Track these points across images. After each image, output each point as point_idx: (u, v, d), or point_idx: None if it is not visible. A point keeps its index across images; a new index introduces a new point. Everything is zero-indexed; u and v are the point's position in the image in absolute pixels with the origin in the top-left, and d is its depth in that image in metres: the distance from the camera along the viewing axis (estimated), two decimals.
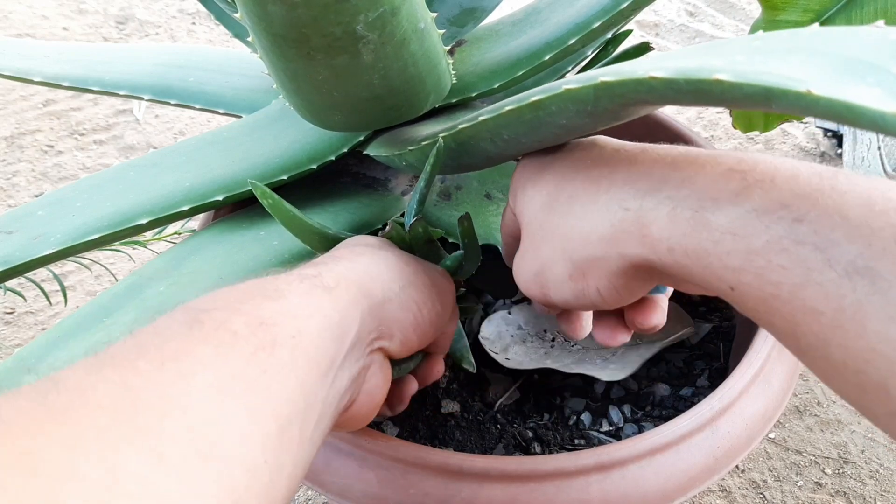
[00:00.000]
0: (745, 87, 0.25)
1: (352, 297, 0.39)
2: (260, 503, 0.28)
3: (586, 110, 0.33)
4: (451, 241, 0.56)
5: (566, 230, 0.39)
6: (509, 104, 0.37)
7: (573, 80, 0.32)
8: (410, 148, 0.49)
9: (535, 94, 0.35)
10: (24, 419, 0.25)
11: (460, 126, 0.42)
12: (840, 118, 0.23)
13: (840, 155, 1.28)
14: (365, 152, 0.56)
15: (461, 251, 0.51)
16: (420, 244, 0.50)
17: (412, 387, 0.48)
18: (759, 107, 0.26)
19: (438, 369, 0.50)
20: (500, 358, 0.60)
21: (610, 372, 0.59)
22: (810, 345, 0.30)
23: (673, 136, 0.73)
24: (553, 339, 0.62)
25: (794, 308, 0.30)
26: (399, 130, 0.57)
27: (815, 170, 0.31)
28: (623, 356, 0.61)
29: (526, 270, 0.43)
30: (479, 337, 0.61)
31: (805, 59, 0.26)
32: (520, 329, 0.63)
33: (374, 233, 0.53)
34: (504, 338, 0.62)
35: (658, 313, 0.43)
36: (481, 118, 0.39)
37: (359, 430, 0.46)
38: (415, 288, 0.44)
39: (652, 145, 0.38)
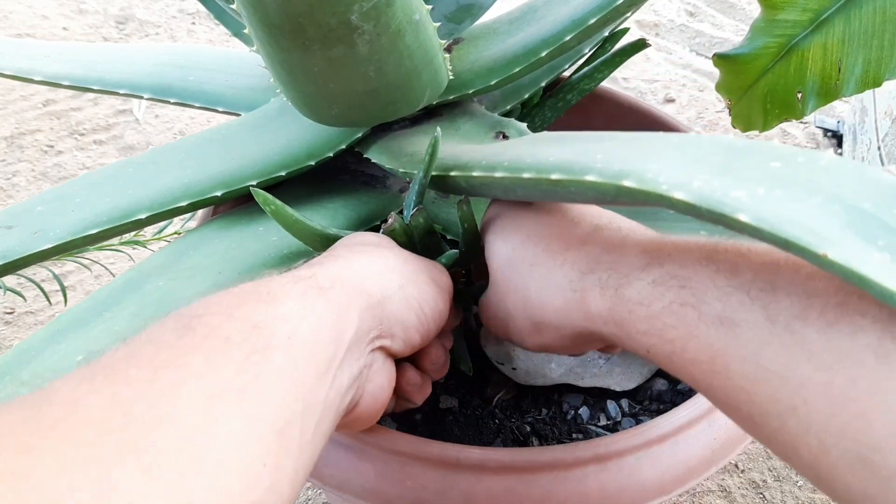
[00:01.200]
0: (765, 233, 0.28)
1: (348, 296, 0.39)
2: None
3: (602, 199, 0.37)
4: (449, 237, 0.56)
5: (526, 293, 0.45)
6: (529, 171, 0.39)
7: (598, 168, 0.35)
8: (411, 167, 0.50)
9: (558, 171, 0.37)
10: (17, 434, 0.25)
11: (475, 174, 0.45)
12: (853, 283, 0.26)
13: (840, 155, 1.28)
14: (365, 156, 0.57)
15: (457, 251, 0.51)
16: (421, 235, 0.50)
17: (429, 388, 0.49)
18: (777, 246, 0.29)
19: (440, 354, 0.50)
20: (506, 369, 0.60)
21: (618, 378, 0.59)
22: (705, 391, 0.36)
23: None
24: None
25: (685, 360, 0.36)
26: (399, 135, 0.57)
27: (703, 246, 0.37)
28: (623, 354, 0.60)
29: (492, 316, 0.49)
30: (483, 348, 0.61)
31: (823, 205, 0.28)
32: None
33: (374, 229, 0.53)
34: (505, 344, 0.61)
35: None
36: (498, 174, 0.42)
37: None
38: (415, 286, 0.44)
39: (599, 222, 0.44)
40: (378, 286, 0.42)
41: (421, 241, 0.51)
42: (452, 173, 0.47)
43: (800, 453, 0.32)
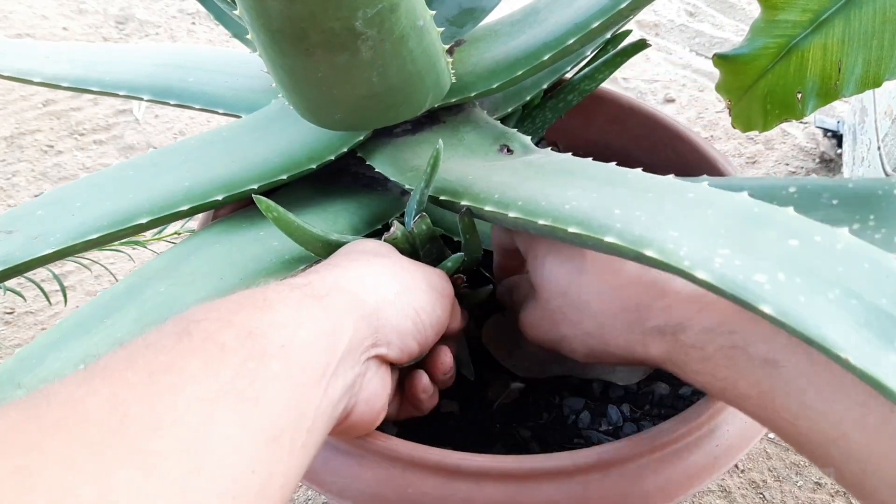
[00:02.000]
0: (788, 327, 0.30)
1: (343, 305, 0.39)
2: None
3: (622, 257, 0.38)
4: (456, 239, 0.56)
5: (587, 327, 0.48)
6: (545, 218, 0.41)
7: (618, 229, 0.37)
8: (415, 181, 0.50)
9: (575, 224, 0.39)
10: (17, 434, 0.25)
11: (486, 208, 0.46)
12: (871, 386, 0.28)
13: (840, 155, 1.28)
14: (368, 163, 0.57)
15: (461, 253, 0.51)
16: (424, 242, 0.50)
17: (437, 396, 0.49)
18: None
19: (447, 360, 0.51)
20: (508, 364, 0.60)
21: (621, 374, 0.59)
22: (755, 419, 0.41)
23: (672, 135, 0.73)
24: None
25: (737, 395, 0.41)
26: (402, 142, 0.57)
27: None
28: None
29: (542, 336, 0.52)
30: (484, 342, 0.61)
31: (842, 300, 0.30)
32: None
33: (376, 233, 0.53)
34: (505, 341, 0.61)
35: None
36: (512, 215, 0.43)
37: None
38: (412, 293, 0.44)
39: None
40: (374, 295, 0.42)
41: (423, 248, 0.51)
42: (463, 202, 0.48)
43: (844, 476, 0.36)
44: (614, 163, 0.47)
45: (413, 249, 0.51)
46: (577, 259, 0.48)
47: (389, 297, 0.43)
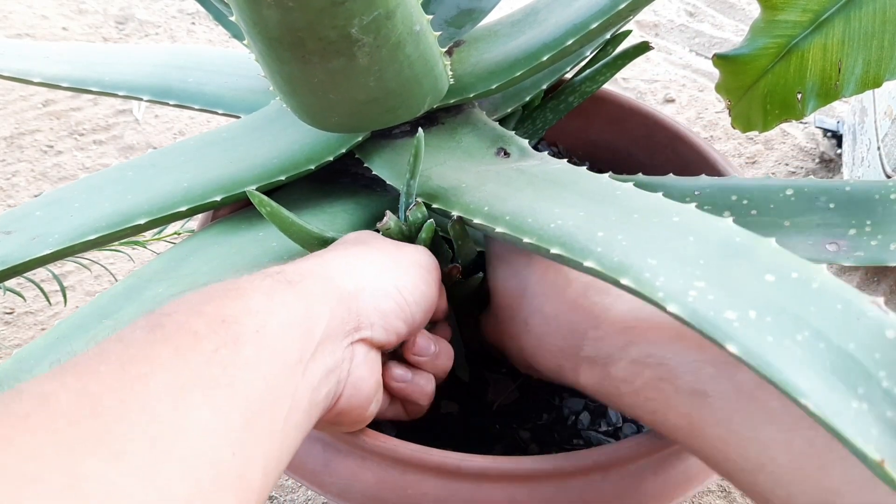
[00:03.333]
0: (752, 367, 0.30)
1: (318, 289, 0.39)
2: (232, 494, 0.28)
3: (602, 279, 0.38)
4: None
5: (522, 343, 0.50)
6: (530, 237, 0.42)
7: (598, 253, 0.38)
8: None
9: (558, 246, 0.40)
10: None
11: (476, 220, 0.47)
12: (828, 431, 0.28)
13: (839, 155, 1.28)
14: (366, 165, 0.56)
15: (431, 220, 0.51)
16: (419, 231, 0.50)
17: (429, 385, 0.49)
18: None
19: (447, 332, 0.52)
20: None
21: None
22: (689, 450, 0.41)
23: (672, 136, 0.73)
24: None
25: (668, 428, 0.42)
26: (400, 144, 0.57)
27: (672, 323, 0.39)
28: None
29: (491, 341, 0.55)
30: (483, 334, 0.61)
31: (810, 343, 0.30)
32: None
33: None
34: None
35: None
36: (499, 230, 0.44)
37: (357, 430, 0.46)
38: (392, 272, 0.44)
39: (588, 281, 0.47)
40: (351, 278, 0.42)
41: (419, 238, 0.51)
42: (454, 212, 0.48)
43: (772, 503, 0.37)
44: (608, 174, 0.47)
45: (408, 240, 0.51)
46: (525, 273, 0.50)
47: (368, 279, 0.42)
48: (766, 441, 0.36)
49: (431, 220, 0.50)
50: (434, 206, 0.50)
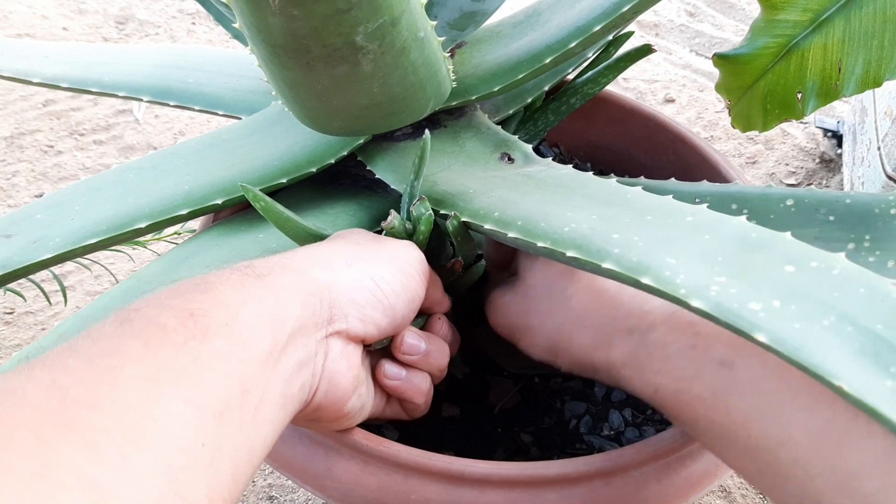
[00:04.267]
0: (782, 355, 0.30)
1: (288, 282, 0.39)
2: (203, 484, 0.28)
3: (620, 281, 0.38)
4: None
5: (558, 321, 0.49)
6: (544, 241, 0.42)
7: (615, 254, 0.37)
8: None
9: (574, 249, 0.40)
10: None
11: (486, 226, 0.46)
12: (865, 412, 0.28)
13: (840, 155, 1.27)
14: (369, 168, 0.56)
15: (430, 213, 0.50)
16: (423, 227, 0.50)
17: (424, 383, 0.48)
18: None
19: (443, 328, 0.51)
20: (502, 361, 0.60)
21: None
22: (706, 426, 0.41)
23: (673, 137, 0.73)
24: None
25: (692, 397, 0.41)
26: (402, 147, 0.57)
27: None
28: None
29: (508, 322, 0.53)
30: (481, 341, 0.61)
31: (837, 327, 0.30)
32: None
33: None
34: (500, 342, 0.61)
35: None
36: (511, 235, 0.44)
37: (360, 434, 0.46)
38: (368, 263, 0.44)
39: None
40: (322, 270, 0.41)
41: (423, 236, 0.51)
42: (463, 218, 0.48)
43: (789, 483, 0.36)
44: (614, 178, 0.47)
45: (412, 238, 0.51)
46: (570, 271, 0.49)
47: (340, 270, 0.42)
48: (787, 418, 0.36)
49: (430, 212, 0.49)
50: (442, 211, 0.50)
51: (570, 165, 0.51)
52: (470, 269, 0.54)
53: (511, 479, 0.45)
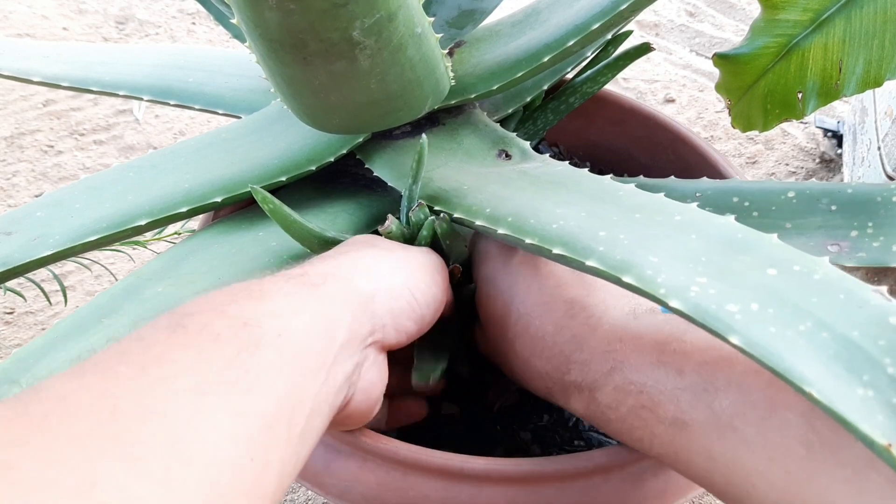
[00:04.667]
0: (755, 358, 0.30)
1: (339, 293, 0.39)
2: (247, 501, 0.28)
3: (604, 279, 0.38)
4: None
5: (514, 357, 0.49)
6: (532, 237, 0.42)
7: (600, 252, 0.38)
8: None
9: (561, 246, 0.40)
10: (4, 429, 0.25)
11: (477, 222, 0.46)
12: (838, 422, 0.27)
13: (840, 155, 1.27)
14: (367, 166, 0.56)
15: (432, 218, 0.51)
16: (421, 231, 0.50)
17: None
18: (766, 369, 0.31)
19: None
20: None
21: None
22: (683, 475, 0.41)
23: (673, 136, 0.73)
24: None
25: (656, 454, 0.41)
26: (401, 145, 0.57)
27: (655, 344, 0.42)
28: None
29: (486, 351, 0.54)
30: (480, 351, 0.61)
31: (813, 332, 0.30)
32: None
33: (374, 234, 0.53)
34: None
35: None
36: (501, 231, 0.44)
37: (359, 431, 0.46)
38: (403, 273, 0.44)
39: (576, 299, 0.47)
40: (367, 281, 0.42)
41: (422, 240, 0.51)
42: (457, 214, 0.48)
43: None
44: (610, 175, 0.47)
45: (409, 242, 0.51)
46: (509, 293, 0.49)
47: (383, 281, 0.42)
48: (747, 471, 0.36)
49: (432, 217, 0.50)
50: (436, 207, 0.50)
51: (567, 162, 0.51)
52: (470, 285, 0.54)
53: (510, 475, 0.45)
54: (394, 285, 0.43)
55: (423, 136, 0.48)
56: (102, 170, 0.66)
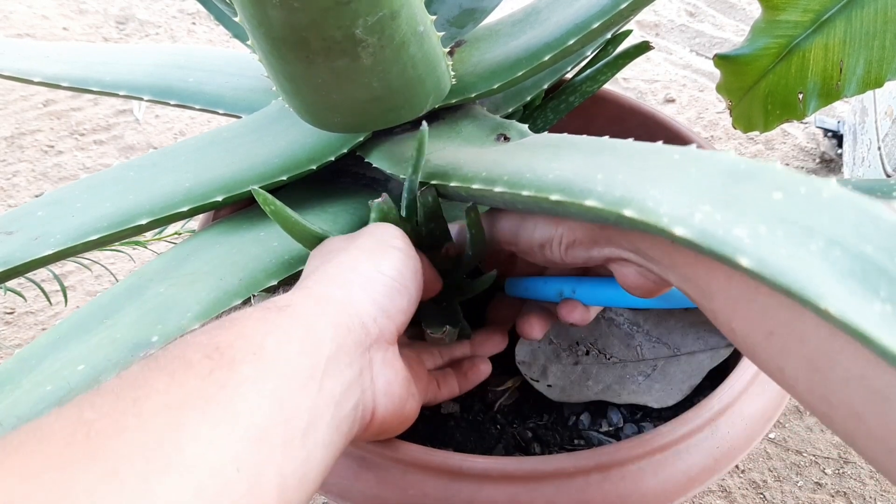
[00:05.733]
0: (766, 279, 0.28)
1: (312, 309, 0.39)
2: None
3: (604, 222, 0.38)
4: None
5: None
6: (529, 189, 0.40)
7: (599, 192, 0.36)
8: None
9: (558, 192, 0.38)
10: None
11: (474, 186, 0.45)
12: (853, 337, 0.26)
13: (840, 155, 1.28)
14: (366, 160, 0.56)
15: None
16: (429, 215, 0.50)
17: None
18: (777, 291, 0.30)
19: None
20: (541, 386, 0.59)
21: (656, 395, 0.59)
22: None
23: (673, 136, 0.73)
24: (587, 352, 0.62)
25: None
26: (400, 139, 0.57)
27: None
28: (664, 370, 0.60)
29: (506, 228, 0.50)
30: (517, 362, 0.60)
31: (825, 250, 0.29)
32: (551, 343, 0.62)
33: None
34: (539, 357, 0.61)
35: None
36: (497, 189, 0.43)
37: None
38: (365, 261, 0.44)
39: None
40: (336, 287, 0.41)
41: (427, 227, 0.51)
42: (452, 183, 0.47)
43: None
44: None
45: (416, 231, 0.51)
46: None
47: (351, 278, 0.42)
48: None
49: (417, 191, 0.50)
50: (432, 182, 0.49)
51: (565, 133, 0.50)
52: (481, 277, 0.54)
53: (509, 473, 0.45)
54: (363, 276, 0.42)
55: (424, 123, 0.48)
56: (103, 169, 0.66)
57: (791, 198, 0.31)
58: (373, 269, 0.43)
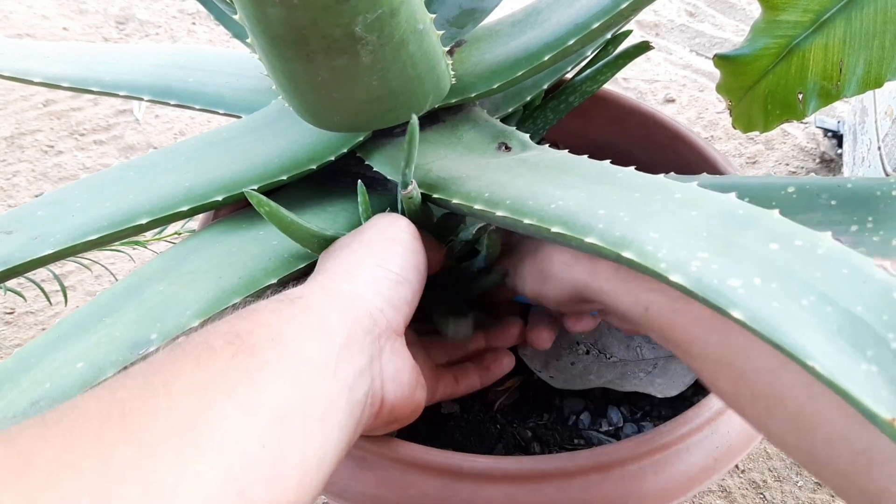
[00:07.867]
0: (758, 333, 0.29)
1: (323, 300, 0.40)
2: (265, 487, 0.29)
3: (604, 257, 0.38)
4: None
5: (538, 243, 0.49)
6: (531, 218, 0.41)
7: (600, 229, 0.37)
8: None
9: (559, 224, 0.39)
10: (22, 432, 0.27)
11: (476, 206, 0.46)
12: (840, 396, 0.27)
13: (840, 155, 1.28)
14: (367, 163, 0.56)
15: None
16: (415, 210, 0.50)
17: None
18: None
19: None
20: (544, 376, 0.60)
21: (658, 387, 0.59)
22: (698, 352, 0.40)
23: (672, 136, 0.73)
24: (587, 351, 0.62)
25: (689, 318, 0.40)
26: (400, 141, 0.57)
27: None
28: (664, 367, 0.60)
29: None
30: (520, 353, 0.61)
31: (816, 307, 0.30)
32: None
33: None
34: (539, 353, 0.61)
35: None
36: (499, 213, 0.44)
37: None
38: (368, 257, 0.45)
39: None
40: (343, 281, 0.43)
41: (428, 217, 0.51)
42: (455, 200, 0.48)
43: (785, 405, 0.35)
44: (608, 161, 0.47)
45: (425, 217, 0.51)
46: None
47: (356, 272, 0.43)
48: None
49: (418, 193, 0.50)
50: (434, 196, 0.50)
51: (566, 151, 0.51)
52: (489, 274, 0.54)
53: (509, 473, 0.45)
54: (368, 272, 0.44)
55: (414, 116, 0.48)
56: (102, 169, 0.66)
57: (787, 250, 0.33)
58: (376, 266, 0.44)
